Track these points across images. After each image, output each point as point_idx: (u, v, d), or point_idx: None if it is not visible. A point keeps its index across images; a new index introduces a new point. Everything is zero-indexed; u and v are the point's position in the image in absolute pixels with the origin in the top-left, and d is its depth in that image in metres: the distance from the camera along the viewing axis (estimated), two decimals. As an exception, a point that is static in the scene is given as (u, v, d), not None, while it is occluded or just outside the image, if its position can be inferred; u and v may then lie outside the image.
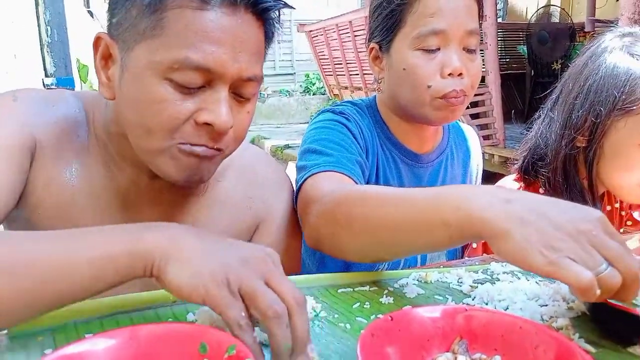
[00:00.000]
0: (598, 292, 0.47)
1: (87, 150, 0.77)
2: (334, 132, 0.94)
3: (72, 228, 0.57)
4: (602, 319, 0.60)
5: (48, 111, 0.76)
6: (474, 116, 4.43)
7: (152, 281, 0.54)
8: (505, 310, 0.63)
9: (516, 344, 0.49)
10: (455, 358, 0.49)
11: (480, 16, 0.96)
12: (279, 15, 0.72)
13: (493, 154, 4.39)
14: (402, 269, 0.93)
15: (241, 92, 0.69)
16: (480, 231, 0.54)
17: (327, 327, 0.60)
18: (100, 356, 0.46)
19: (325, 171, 0.84)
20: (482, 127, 4.62)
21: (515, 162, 1.14)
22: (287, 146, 7.08)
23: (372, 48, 1.00)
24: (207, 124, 0.66)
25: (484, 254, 1.03)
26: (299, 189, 0.85)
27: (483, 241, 1.02)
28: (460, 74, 0.91)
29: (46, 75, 2.75)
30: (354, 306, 0.65)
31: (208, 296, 0.49)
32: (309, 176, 0.84)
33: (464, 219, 0.55)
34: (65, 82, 2.77)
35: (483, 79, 4.66)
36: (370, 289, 0.71)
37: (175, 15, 0.63)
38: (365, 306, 0.65)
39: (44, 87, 2.77)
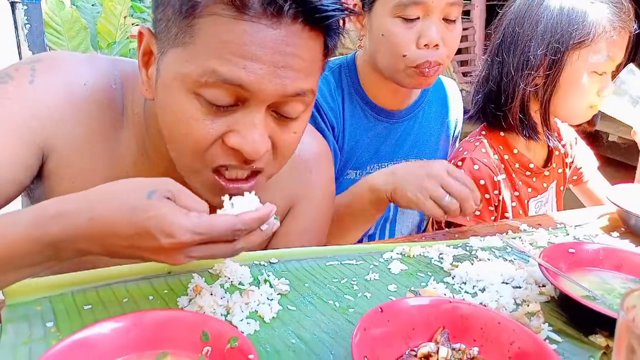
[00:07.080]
0: (442, 214, 0.80)
1: (120, 140, 0.70)
2: None
3: None
4: (567, 306, 0.65)
5: (71, 97, 0.67)
6: (456, 52, 4.38)
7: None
8: (483, 291, 0.68)
9: (494, 338, 0.54)
10: (438, 347, 0.54)
11: None
12: (344, 24, 0.62)
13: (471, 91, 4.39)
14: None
15: (285, 110, 0.61)
16: (383, 193, 0.86)
17: (318, 304, 0.63)
18: (107, 340, 0.48)
19: None
20: (462, 63, 4.58)
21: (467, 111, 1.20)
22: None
23: (355, 4, 1.00)
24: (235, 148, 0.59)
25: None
26: None
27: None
28: (436, 45, 0.92)
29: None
30: (342, 282, 0.69)
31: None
32: None
33: (373, 190, 0.88)
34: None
35: (468, 13, 4.55)
36: (357, 262, 0.74)
37: (207, 24, 0.56)
38: (352, 282, 0.69)
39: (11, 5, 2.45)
